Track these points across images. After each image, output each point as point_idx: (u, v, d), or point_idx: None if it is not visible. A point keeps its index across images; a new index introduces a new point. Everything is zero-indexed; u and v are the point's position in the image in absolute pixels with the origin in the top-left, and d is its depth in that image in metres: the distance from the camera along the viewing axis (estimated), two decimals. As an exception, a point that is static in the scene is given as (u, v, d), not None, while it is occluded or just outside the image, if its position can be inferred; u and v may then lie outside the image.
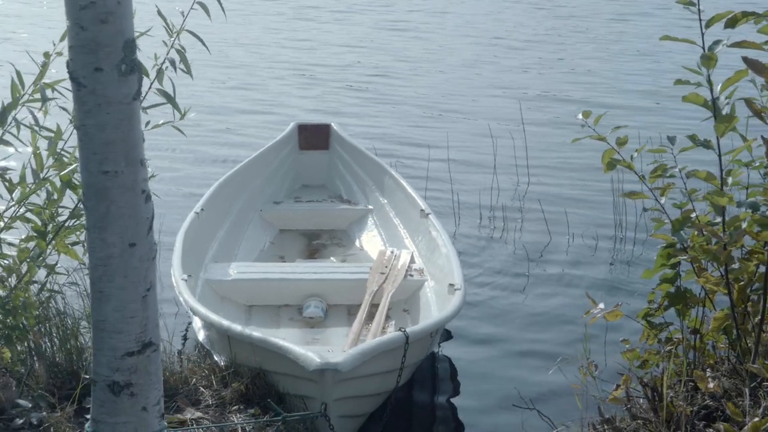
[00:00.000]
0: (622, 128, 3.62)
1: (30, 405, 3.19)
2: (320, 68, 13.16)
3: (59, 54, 3.35)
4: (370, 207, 7.06)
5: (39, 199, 4.03)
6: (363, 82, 12.19)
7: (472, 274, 6.25)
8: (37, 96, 3.28)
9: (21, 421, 3.13)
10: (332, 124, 7.84)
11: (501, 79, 12.46)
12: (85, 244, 2.65)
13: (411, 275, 5.71)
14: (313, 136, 7.69)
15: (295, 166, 7.66)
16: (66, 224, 4.08)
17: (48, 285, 4.20)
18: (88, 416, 3.32)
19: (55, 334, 3.99)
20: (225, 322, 4.32)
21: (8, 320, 3.39)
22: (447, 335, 5.48)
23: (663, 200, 3.50)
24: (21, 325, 3.41)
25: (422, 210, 6.26)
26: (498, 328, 5.54)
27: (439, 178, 7.87)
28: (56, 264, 4.29)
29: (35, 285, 4.08)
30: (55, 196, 3.89)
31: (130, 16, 2.55)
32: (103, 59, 2.51)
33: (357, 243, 6.80)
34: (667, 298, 3.67)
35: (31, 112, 3.27)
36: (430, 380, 4.94)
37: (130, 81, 2.55)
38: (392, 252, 6.04)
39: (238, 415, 3.88)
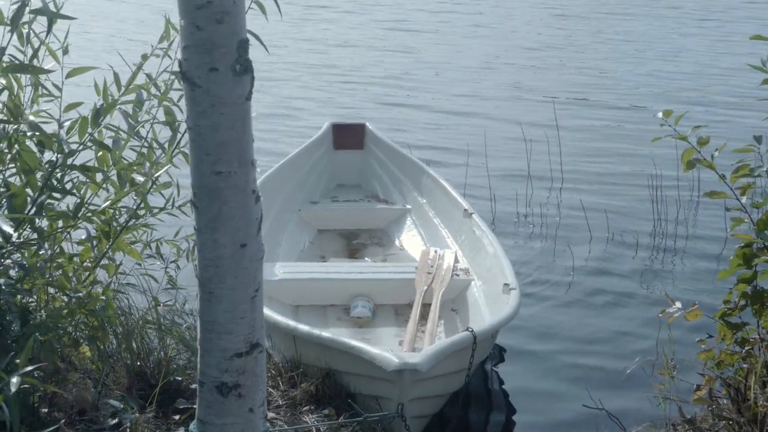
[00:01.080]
0: (702, 128, 3.60)
1: (121, 405, 3.17)
2: (338, 69, 13.13)
3: (157, 55, 3.33)
4: (408, 206, 7.05)
5: (99, 199, 4.02)
6: (384, 84, 12.16)
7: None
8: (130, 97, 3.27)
9: (114, 421, 3.12)
10: (367, 123, 7.83)
11: (520, 81, 12.45)
12: (195, 245, 2.62)
13: (457, 275, 5.71)
14: (348, 136, 7.68)
15: (330, 165, 7.64)
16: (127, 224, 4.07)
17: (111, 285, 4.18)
18: (177, 417, 3.35)
19: (120, 335, 3.97)
20: (291, 323, 4.32)
21: (92, 321, 3.37)
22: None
23: (744, 200, 3.51)
24: (104, 325, 3.39)
25: (465, 210, 6.25)
26: (551, 333, 5.50)
27: (473, 183, 7.84)
28: (120, 264, 4.28)
29: (98, 285, 4.06)
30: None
31: (243, 16, 2.54)
32: (218, 59, 2.50)
33: (396, 242, 6.79)
34: (744, 297, 3.67)
35: (125, 117, 3.26)
36: (487, 384, 4.93)
37: (243, 81, 2.54)
38: (435, 251, 6.03)
39: (311, 415, 3.86)
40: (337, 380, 4.05)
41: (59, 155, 3.02)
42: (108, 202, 3.25)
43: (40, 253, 3.30)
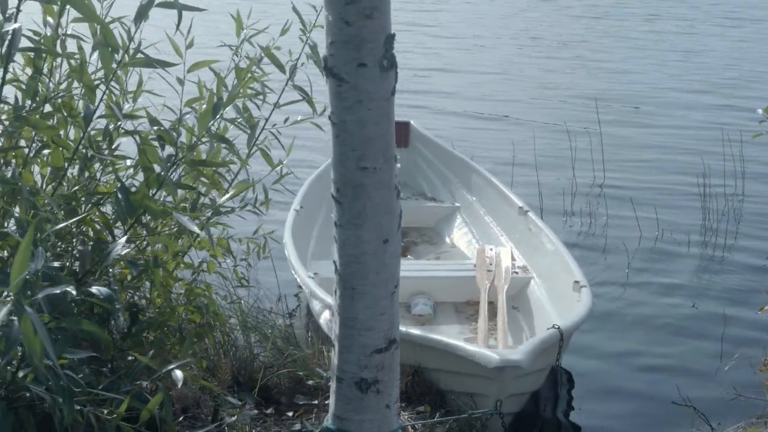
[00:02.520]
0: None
1: (240, 403, 3.16)
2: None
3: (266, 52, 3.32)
4: (457, 204, 7.04)
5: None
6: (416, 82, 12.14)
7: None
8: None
9: (232, 419, 3.11)
10: (411, 121, 7.82)
11: (545, 80, 12.45)
12: (336, 240, 2.61)
13: (515, 272, 5.71)
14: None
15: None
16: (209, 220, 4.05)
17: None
18: (290, 413, 3.34)
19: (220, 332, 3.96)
20: None
21: (195, 318, 3.36)
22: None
23: None
24: (211, 322, 3.38)
25: (520, 207, 6.25)
26: (621, 329, 5.49)
27: (519, 182, 7.83)
28: (202, 262, 4.26)
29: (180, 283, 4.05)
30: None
31: (389, 11, 2.53)
32: (366, 55, 2.49)
33: (447, 240, 6.79)
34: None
35: (239, 112, 3.24)
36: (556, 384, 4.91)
37: (389, 76, 2.53)
38: (491, 249, 6.03)
39: (404, 413, 3.85)
40: (426, 377, 4.05)
41: (179, 150, 3.01)
42: (227, 195, 3.23)
43: (148, 249, 3.29)
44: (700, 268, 6.38)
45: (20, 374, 2.41)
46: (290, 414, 3.39)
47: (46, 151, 3.09)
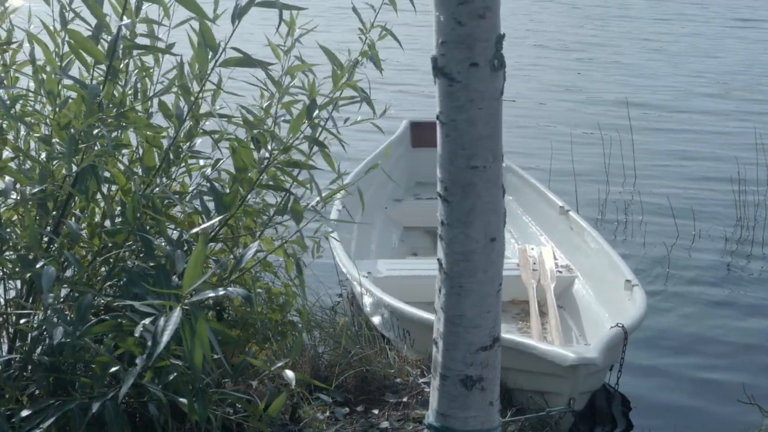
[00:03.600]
0: None
1: (331, 400, 3.18)
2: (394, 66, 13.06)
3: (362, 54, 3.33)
4: None
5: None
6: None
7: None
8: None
9: (324, 416, 3.12)
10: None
11: (564, 83, 12.46)
12: (442, 239, 2.63)
13: (559, 272, 5.72)
14: (426, 133, 7.68)
15: (409, 163, 7.66)
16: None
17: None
18: (376, 411, 3.36)
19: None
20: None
21: (274, 317, 3.37)
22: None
23: None
24: (292, 321, 3.40)
25: (561, 206, 6.27)
26: (672, 330, 5.50)
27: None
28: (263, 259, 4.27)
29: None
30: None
31: (499, 11, 2.55)
32: (478, 54, 2.51)
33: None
34: None
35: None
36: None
37: (499, 76, 2.56)
38: (532, 248, 6.05)
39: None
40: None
41: (274, 152, 3.02)
42: (322, 196, 3.24)
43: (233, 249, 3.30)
44: (736, 275, 6.39)
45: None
46: (376, 412, 3.40)
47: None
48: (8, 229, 2.66)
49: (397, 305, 4.63)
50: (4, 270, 2.62)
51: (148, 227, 2.80)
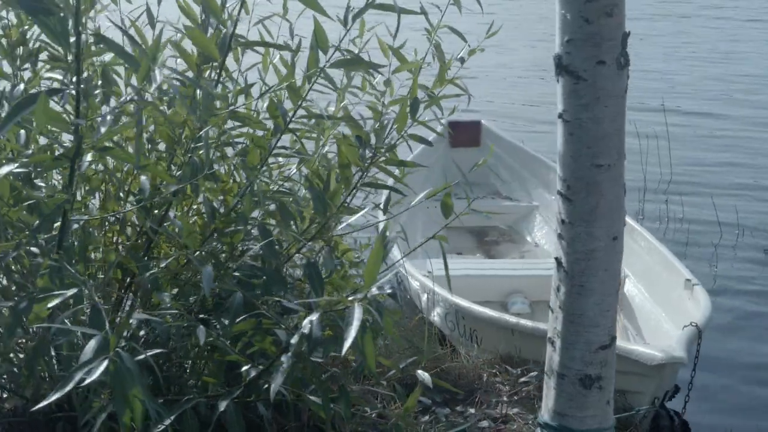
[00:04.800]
0: None
1: (430, 401, 3.17)
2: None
3: (480, 50, 3.32)
4: (536, 203, 7.05)
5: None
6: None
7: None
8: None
9: (426, 418, 3.11)
10: (482, 120, 7.84)
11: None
12: (563, 237, 2.62)
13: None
14: (464, 133, 7.68)
15: (448, 163, 7.64)
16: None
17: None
18: (472, 410, 3.35)
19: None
20: (512, 318, 4.34)
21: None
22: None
23: None
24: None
25: None
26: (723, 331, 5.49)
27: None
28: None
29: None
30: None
31: (625, 8, 2.55)
32: (605, 52, 2.50)
33: (529, 239, 6.80)
34: None
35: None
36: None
37: (624, 74, 2.55)
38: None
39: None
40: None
41: (375, 150, 3.01)
42: (422, 194, 3.23)
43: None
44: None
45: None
46: (473, 411, 3.39)
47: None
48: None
49: (465, 304, 4.63)
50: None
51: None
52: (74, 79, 2.01)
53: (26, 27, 2.89)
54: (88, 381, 1.69)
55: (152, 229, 2.63)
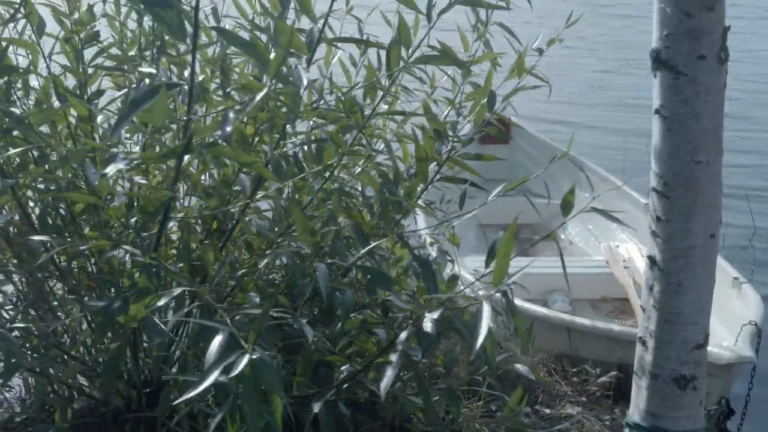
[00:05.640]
0: None
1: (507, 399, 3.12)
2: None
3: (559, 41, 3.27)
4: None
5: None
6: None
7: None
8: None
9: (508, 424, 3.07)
10: (511, 117, 7.78)
11: (603, 83, 12.36)
12: (657, 235, 2.58)
13: (651, 269, 5.68)
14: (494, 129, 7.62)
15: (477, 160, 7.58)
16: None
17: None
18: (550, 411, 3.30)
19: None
20: (567, 317, 4.30)
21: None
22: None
23: None
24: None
25: (646, 204, 6.20)
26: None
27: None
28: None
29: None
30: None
31: (725, 2, 2.50)
32: (705, 47, 2.46)
33: (563, 237, 6.76)
34: None
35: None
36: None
37: (723, 69, 2.50)
38: (617, 246, 6.01)
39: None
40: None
41: (455, 144, 2.97)
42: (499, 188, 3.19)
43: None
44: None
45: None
46: (548, 411, 3.36)
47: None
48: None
49: (519, 302, 4.58)
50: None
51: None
52: (187, 73, 1.96)
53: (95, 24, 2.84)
54: (226, 377, 1.64)
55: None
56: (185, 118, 2.02)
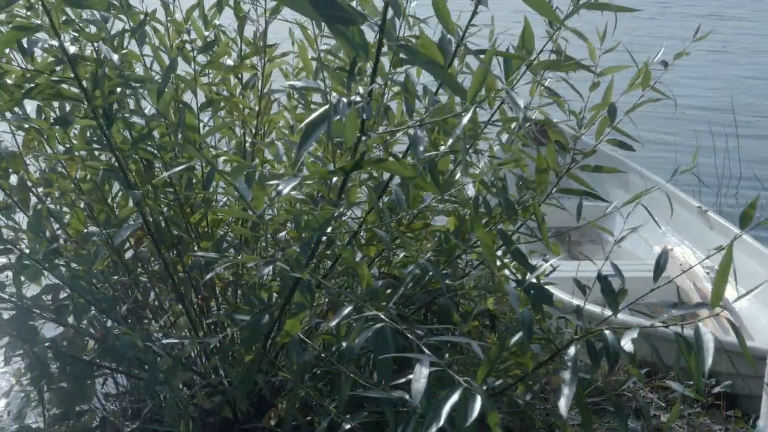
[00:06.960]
0: None
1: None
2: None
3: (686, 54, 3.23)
4: (613, 202, 6.98)
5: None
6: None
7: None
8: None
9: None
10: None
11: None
12: None
13: (707, 272, 5.68)
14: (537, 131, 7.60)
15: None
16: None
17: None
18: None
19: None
20: (630, 318, 4.31)
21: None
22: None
23: None
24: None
25: (698, 207, 6.20)
26: None
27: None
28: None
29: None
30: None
31: None
32: None
33: (611, 240, 6.73)
34: None
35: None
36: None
37: None
38: (671, 249, 6.00)
39: (707, 419, 3.80)
40: (719, 380, 4.00)
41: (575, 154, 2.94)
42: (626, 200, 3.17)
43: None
44: None
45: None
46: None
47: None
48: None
49: (597, 309, 4.56)
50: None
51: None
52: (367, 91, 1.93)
53: (211, 31, 2.82)
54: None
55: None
56: (358, 135, 1.99)
